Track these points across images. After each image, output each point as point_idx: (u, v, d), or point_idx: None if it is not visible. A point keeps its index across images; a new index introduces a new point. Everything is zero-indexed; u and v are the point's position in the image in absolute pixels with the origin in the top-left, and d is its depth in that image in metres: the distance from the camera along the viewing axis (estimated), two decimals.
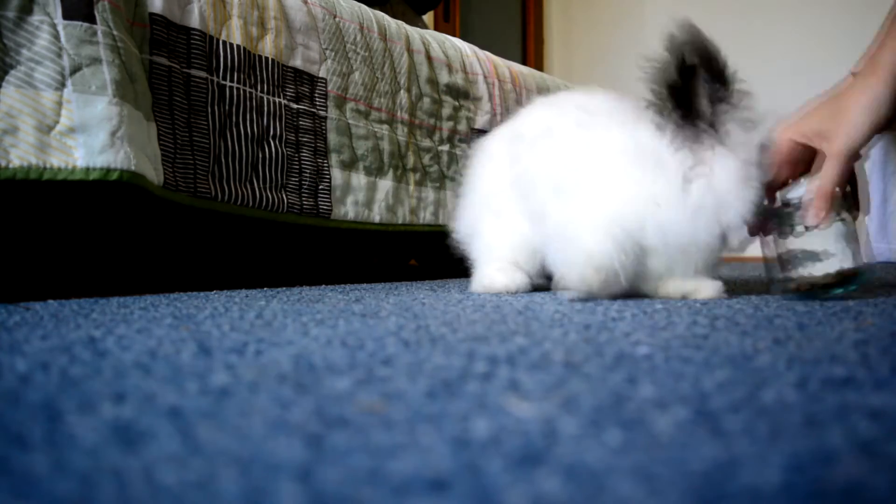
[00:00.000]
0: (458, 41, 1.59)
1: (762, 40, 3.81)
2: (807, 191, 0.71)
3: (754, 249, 0.81)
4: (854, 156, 0.69)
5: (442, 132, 1.42)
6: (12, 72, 0.77)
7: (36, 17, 0.79)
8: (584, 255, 0.74)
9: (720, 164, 0.73)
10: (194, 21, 0.99)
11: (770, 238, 0.76)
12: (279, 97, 1.11)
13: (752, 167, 0.73)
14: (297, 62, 1.14)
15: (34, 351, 0.40)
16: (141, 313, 0.61)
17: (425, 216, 1.34)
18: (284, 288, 0.97)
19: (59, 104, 0.78)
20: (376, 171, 1.24)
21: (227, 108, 1.02)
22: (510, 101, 1.62)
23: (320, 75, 1.18)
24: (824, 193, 0.69)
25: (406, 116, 1.33)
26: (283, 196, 1.08)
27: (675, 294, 0.78)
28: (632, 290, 0.77)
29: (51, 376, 0.33)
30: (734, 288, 0.93)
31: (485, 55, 1.64)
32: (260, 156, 1.06)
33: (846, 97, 0.69)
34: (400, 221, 1.27)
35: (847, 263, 0.72)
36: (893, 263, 2.40)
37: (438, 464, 0.20)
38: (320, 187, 1.14)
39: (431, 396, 0.29)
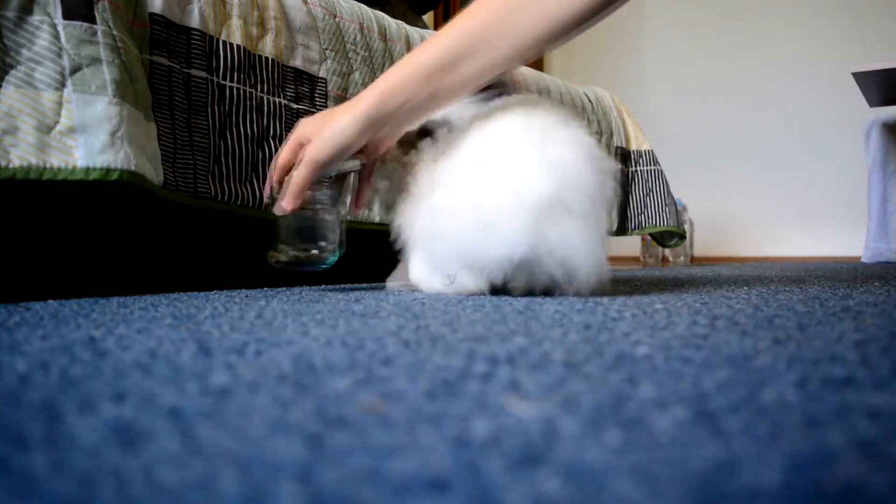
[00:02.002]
0: None
1: (761, 41, 3.81)
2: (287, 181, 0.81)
3: (754, 250, 0.81)
4: (322, 165, 0.79)
5: None
6: (12, 72, 0.77)
7: (36, 17, 0.79)
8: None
9: None
10: (194, 21, 0.99)
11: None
12: (279, 97, 1.11)
13: None
14: (298, 62, 1.14)
15: (34, 351, 0.40)
16: (141, 313, 0.61)
17: None
18: (284, 288, 0.97)
19: (59, 104, 0.78)
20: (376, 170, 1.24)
21: (227, 108, 1.02)
22: None
23: (320, 75, 1.18)
24: (293, 189, 0.79)
25: None
26: None
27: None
28: None
29: (51, 376, 0.33)
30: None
31: None
32: (260, 156, 1.06)
33: (338, 112, 0.79)
34: None
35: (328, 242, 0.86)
36: (893, 263, 2.40)
37: (438, 464, 0.20)
38: None
39: (431, 396, 0.29)
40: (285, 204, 0.80)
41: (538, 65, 4.05)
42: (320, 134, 0.78)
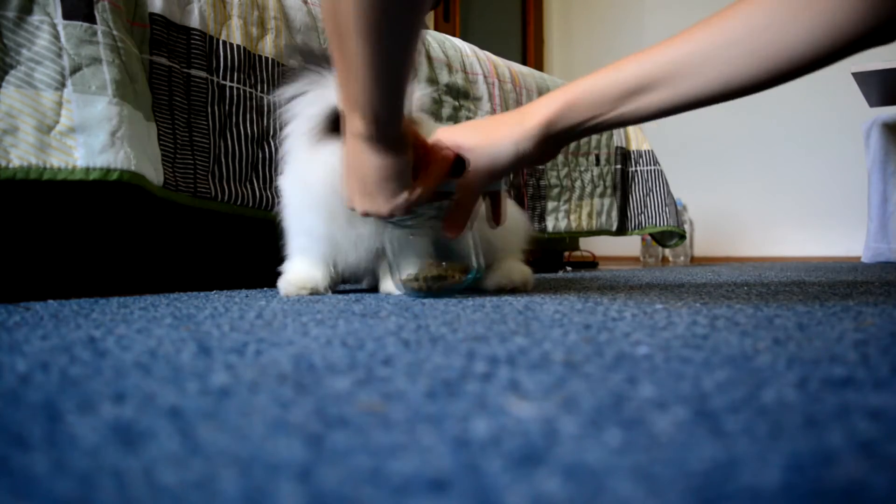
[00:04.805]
0: (457, 41, 1.59)
1: None
2: (449, 204, 0.73)
3: (754, 250, 0.81)
4: (491, 179, 0.72)
5: None
6: (12, 72, 0.77)
7: (36, 17, 0.79)
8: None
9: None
10: (194, 21, 0.99)
11: (394, 229, 0.78)
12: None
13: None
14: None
15: (34, 351, 0.40)
16: (141, 313, 0.61)
17: None
18: None
19: (59, 104, 0.78)
20: None
21: (227, 108, 1.02)
22: (510, 101, 1.62)
23: None
24: (464, 212, 0.72)
25: None
26: None
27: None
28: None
29: (51, 376, 0.33)
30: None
31: (485, 55, 1.64)
32: (260, 156, 1.06)
33: (502, 126, 0.71)
34: None
35: (463, 261, 0.79)
36: (893, 263, 2.40)
37: (438, 464, 0.20)
38: None
39: (431, 396, 0.29)
40: (456, 229, 0.73)
41: (538, 65, 4.05)
42: (487, 146, 0.70)
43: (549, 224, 1.74)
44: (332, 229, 0.82)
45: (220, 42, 1.02)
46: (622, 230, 1.98)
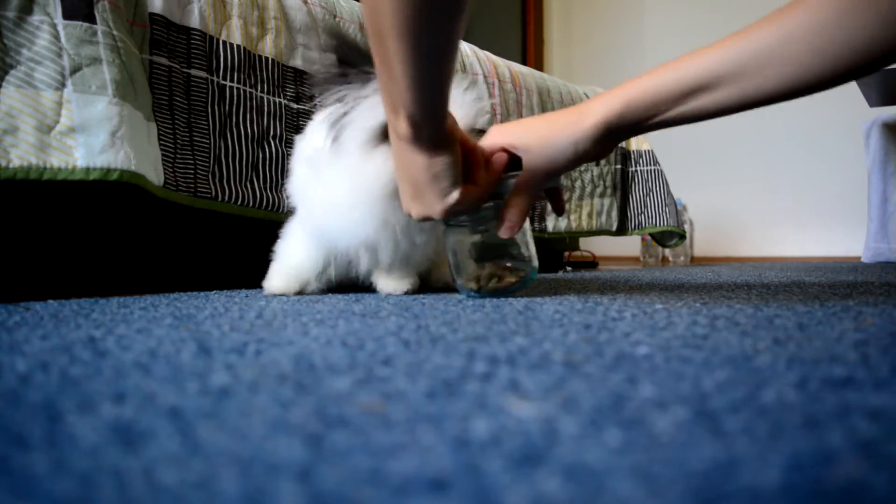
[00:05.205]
0: None
1: None
2: (505, 203, 0.72)
3: (754, 250, 0.81)
4: (549, 178, 0.71)
5: None
6: (12, 72, 0.77)
7: (36, 17, 0.79)
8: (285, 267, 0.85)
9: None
10: (194, 21, 0.99)
11: (451, 232, 0.78)
12: (279, 97, 1.11)
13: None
14: (298, 62, 1.14)
15: (34, 351, 0.40)
16: (141, 313, 0.61)
17: None
18: None
19: (60, 104, 0.78)
20: None
21: (227, 108, 1.02)
22: (510, 101, 1.62)
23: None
24: (521, 212, 0.72)
25: None
26: (284, 196, 1.08)
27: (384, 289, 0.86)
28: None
29: (51, 376, 0.33)
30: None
31: (485, 55, 1.64)
32: (260, 156, 1.06)
33: (558, 124, 0.70)
34: None
35: (521, 261, 0.78)
36: (893, 263, 2.40)
37: (438, 464, 0.20)
38: None
39: (431, 396, 0.29)
40: (511, 229, 0.72)
41: (538, 65, 4.05)
42: (544, 146, 0.69)
43: (549, 224, 1.74)
44: (381, 237, 0.79)
45: (220, 42, 1.02)
46: (622, 230, 1.98)
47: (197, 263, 1.09)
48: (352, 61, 0.77)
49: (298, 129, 1.13)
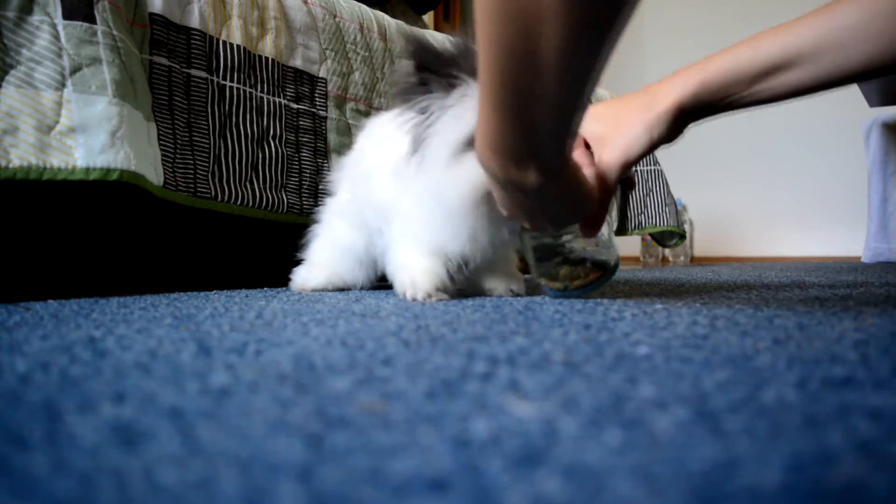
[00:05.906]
0: None
1: None
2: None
3: (754, 250, 0.81)
4: (627, 168, 0.68)
5: None
6: (12, 72, 0.77)
7: (36, 17, 0.79)
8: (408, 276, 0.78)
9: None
10: (194, 21, 0.99)
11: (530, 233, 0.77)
12: (279, 97, 1.11)
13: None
14: (297, 62, 1.14)
15: (34, 351, 0.40)
16: (141, 313, 0.61)
17: None
18: (284, 288, 0.97)
19: (59, 104, 0.78)
20: None
21: (227, 108, 1.02)
22: None
23: (320, 75, 1.18)
24: (601, 210, 0.68)
25: None
26: (283, 196, 1.08)
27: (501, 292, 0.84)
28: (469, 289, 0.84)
29: (51, 376, 0.33)
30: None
31: None
32: (260, 156, 1.06)
33: (629, 111, 0.67)
34: None
35: (600, 258, 0.78)
36: (893, 263, 2.40)
37: (438, 464, 0.20)
38: (320, 187, 1.14)
39: (431, 396, 0.29)
40: (594, 227, 0.69)
41: None
42: (618, 135, 0.66)
43: None
44: (464, 247, 0.76)
45: (220, 42, 1.02)
46: (622, 230, 1.98)
47: (197, 263, 1.09)
48: (433, 68, 0.72)
49: (298, 129, 1.13)
